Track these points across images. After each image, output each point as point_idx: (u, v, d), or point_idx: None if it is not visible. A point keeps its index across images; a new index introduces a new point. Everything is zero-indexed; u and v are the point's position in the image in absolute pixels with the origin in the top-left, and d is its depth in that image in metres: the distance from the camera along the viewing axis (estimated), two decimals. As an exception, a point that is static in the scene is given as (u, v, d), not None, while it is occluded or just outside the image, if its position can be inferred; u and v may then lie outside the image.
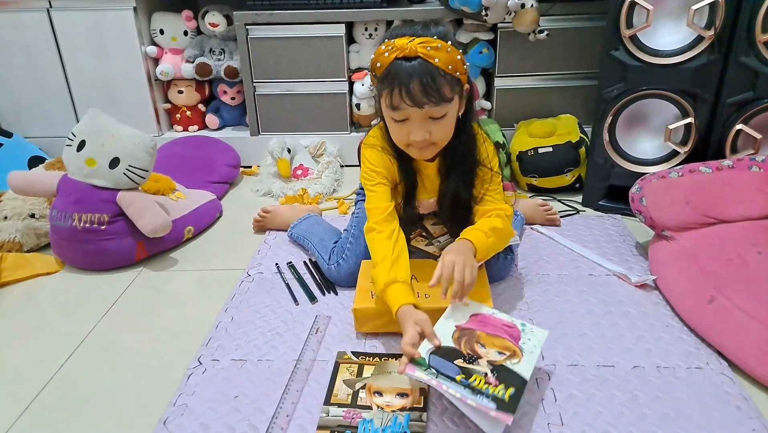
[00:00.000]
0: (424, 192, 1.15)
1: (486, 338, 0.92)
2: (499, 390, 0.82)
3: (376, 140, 1.09)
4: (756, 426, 0.84)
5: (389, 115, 0.99)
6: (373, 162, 1.09)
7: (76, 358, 1.06)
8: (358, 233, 1.22)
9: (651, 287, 1.19)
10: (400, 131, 0.99)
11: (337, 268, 1.22)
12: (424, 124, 0.97)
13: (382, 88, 0.95)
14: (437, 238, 1.22)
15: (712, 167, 1.22)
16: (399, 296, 0.97)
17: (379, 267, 1.01)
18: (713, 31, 1.30)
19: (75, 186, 1.34)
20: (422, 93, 0.92)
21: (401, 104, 0.93)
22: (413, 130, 0.97)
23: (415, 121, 0.96)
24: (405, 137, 0.99)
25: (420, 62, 0.91)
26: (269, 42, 1.84)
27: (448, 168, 1.09)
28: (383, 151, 1.08)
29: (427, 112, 0.95)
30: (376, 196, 1.08)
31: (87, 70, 1.92)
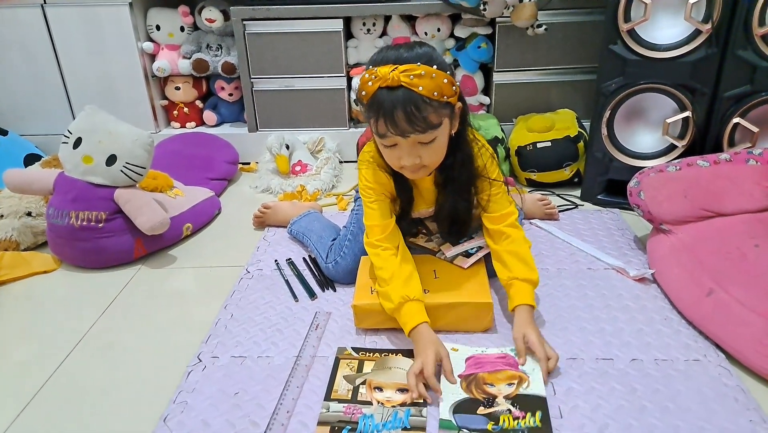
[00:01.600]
0: (423, 204, 1.15)
1: (491, 377, 0.93)
2: (528, 419, 0.84)
3: (372, 157, 1.09)
4: (754, 417, 0.84)
5: (379, 141, 0.99)
6: (369, 179, 1.09)
7: (75, 356, 1.06)
8: (357, 230, 1.23)
9: (649, 281, 1.19)
10: (390, 156, 0.99)
11: (334, 266, 1.22)
12: (414, 150, 0.96)
13: (369, 116, 0.95)
14: (436, 234, 1.22)
15: (710, 161, 1.22)
16: (415, 315, 0.98)
17: (391, 285, 1.00)
18: (711, 24, 1.30)
19: (72, 184, 1.33)
20: (407, 122, 0.91)
21: (387, 133, 0.93)
22: (403, 156, 0.97)
23: (404, 147, 0.96)
24: (396, 161, 0.99)
25: (404, 91, 0.90)
26: (267, 37, 1.83)
27: (444, 183, 1.09)
28: (379, 168, 1.08)
29: (415, 139, 0.94)
30: (375, 213, 1.08)
31: (83, 67, 1.91)
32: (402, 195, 1.10)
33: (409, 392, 0.90)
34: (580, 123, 1.70)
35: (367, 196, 1.09)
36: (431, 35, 1.88)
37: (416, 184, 1.12)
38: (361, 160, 1.11)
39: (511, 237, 1.08)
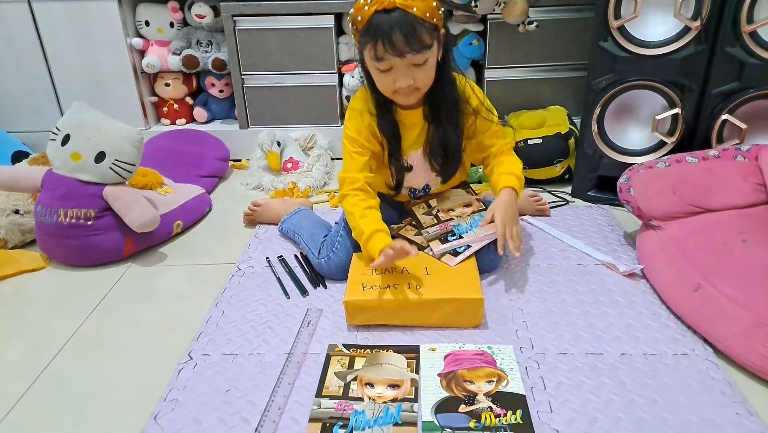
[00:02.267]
0: (411, 145, 1.19)
1: (470, 374, 0.93)
2: (509, 416, 0.84)
3: (359, 103, 1.16)
4: (740, 410, 0.85)
5: (374, 66, 1.04)
6: (354, 128, 1.15)
7: (64, 354, 1.05)
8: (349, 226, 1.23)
9: (639, 276, 1.20)
10: (385, 80, 1.05)
11: (327, 262, 1.22)
12: (408, 72, 1.03)
13: (365, 41, 1.01)
14: (427, 228, 1.22)
15: (699, 157, 1.23)
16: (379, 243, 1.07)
17: (365, 221, 1.09)
18: (699, 21, 1.31)
19: (60, 181, 1.32)
20: (404, 43, 0.97)
21: (385, 55, 0.99)
22: (398, 78, 1.04)
23: (399, 69, 1.03)
24: (391, 85, 1.05)
25: (399, 13, 0.96)
26: (257, 33, 1.83)
27: (433, 113, 1.15)
28: (365, 114, 1.14)
29: (410, 60, 1.01)
30: (352, 164, 1.15)
31: (71, 63, 1.89)
32: (387, 132, 1.15)
33: (400, 388, 0.90)
34: (571, 120, 1.71)
35: (349, 145, 1.16)
36: (422, 32, 1.88)
37: (402, 122, 1.16)
38: (350, 109, 1.18)
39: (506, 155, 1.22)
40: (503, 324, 1.07)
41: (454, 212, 1.26)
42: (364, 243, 1.10)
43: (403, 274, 1.10)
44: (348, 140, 1.17)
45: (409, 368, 0.95)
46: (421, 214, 1.25)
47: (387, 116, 1.15)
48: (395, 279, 1.09)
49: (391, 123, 1.15)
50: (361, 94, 1.18)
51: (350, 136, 1.16)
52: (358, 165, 1.15)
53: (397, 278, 1.09)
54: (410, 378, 0.92)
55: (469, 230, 1.19)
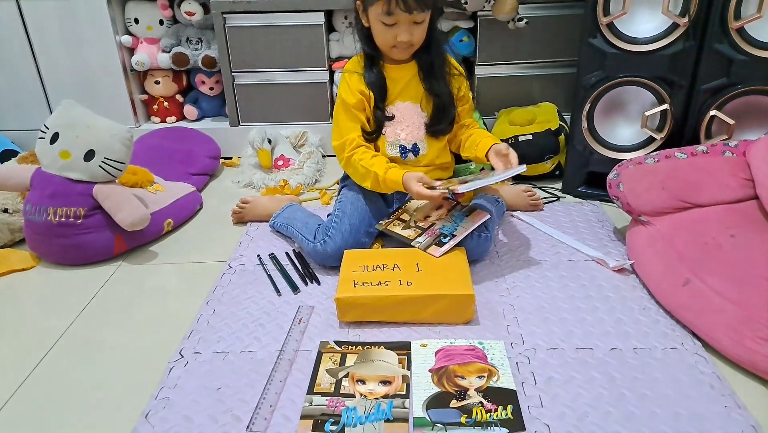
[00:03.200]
0: (401, 96, 1.31)
1: (461, 369, 0.94)
2: (500, 412, 0.84)
3: (349, 66, 1.31)
4: (728, 403, 0.86)
5: (380, 21, 1.19)
6: (345, 91, 1.28)
7: (55, 354, 1.05)
8: (342, 214, 1.26)
9: (629, 271, 1.21)
10: (387, 35, 1.21)
11: (323, 245, 1.22)
12: (409, 28, 1.19)
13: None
14: (417, 239, 1.21)
15: (687, 153, 1.24)
16: (399, 171, 1.20)
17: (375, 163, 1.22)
18: (688, 18, 1.32)
19: (50, 179, 1.31)
20: (415, 1, 1.14)
21: (396, 10, 1.15)
22: (400, 33, 1.19)
23: (402, 25, 1.19)
24: (392, 39, 1.21)
25: None
26: (247, 31, 1.82)
27: (425, 71, 1.29)
28: (353, 75, 1.29)
29: (413, 18, 1.17)
30: (347, 127, 1.27)
31: (60, 61, 1.88)
32: (374, 84, 1.28)
33: (391, 384, 0.90)
34: (561, 116, 1.72)
35: (342, 111, 1.28)
36: (413, 29, 1.88)
37: (389, 76, 1.30)
38: (346, 70, 1.31)
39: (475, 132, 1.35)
40: (494, 320, 1.07)
41: (431, 217, 1.25)
42: (382, 179, 1.21)
43: (395, 270, 1.10)
44: (340, 104, 1.29)
45: (400, 364, 0.95)
46: (401, 230, 1.24)
47: (374, 69, 1.29)
48: (386, 276, 1.09)
49: (377, 75, 1.29)
50: (353, 61, 1.33)
51: (343, 99, 1.28)
52: (354, 127, 1.27)
53: (388, 274, 1.09)
54: (402, 374, 0.93)
55: (457, 227, 1.20)
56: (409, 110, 1.31)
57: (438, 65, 1.29)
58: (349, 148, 1.26)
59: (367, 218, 1.27)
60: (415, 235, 1.22)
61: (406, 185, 1.17)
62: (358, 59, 1.31)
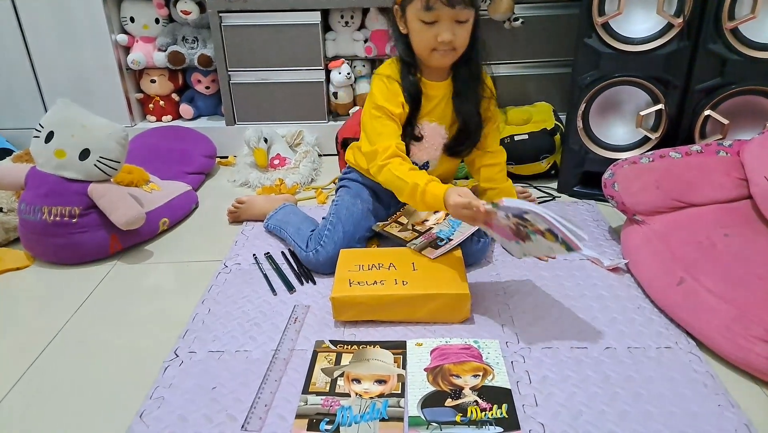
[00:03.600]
0: (429, 115, 1.23)
1: (456, 368, 0.94)
2: (495, 411, 0.85)
3: (386, 69, 1.20)
4: (722, 402, 0.87)
5: (420, 18, 1.09)
6: (382, 96, 1.16)
7: (49, 353, 1.04)
8: (337, 220, 1.24)
9: (623, 271, 1.21)
10: (427, 34, 1.10)
11: (315, 255, 1.22)
12: (451, 26, 1.09)
13: None
14: (412, 241, 1.20)
15: (682, 152, 1.25)
16: (441, 185, 1.07)
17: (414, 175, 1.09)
18: (682, 18, 1.32)
19: (44, 178, 1.31)
20: None
21: (436, 4, 1.05)
22: (441, 32, 1.09)
23: (444, 22, 1.08)
24: (432, 40, 1.10)
25: None
26: (243, 30, 1.82)
27: (459, 90, 1.21)
28: (391, 80, 1.18)
29: (456, 14, 1.08)
30: (383, 132, 1.15)
31: (55, 60, 1.87)
32: (410, 97, 1.18)
33: (386, 383, 0.91)
34: (557, 116, 1.72)
35: (377, 117, 1.16)
36: (409, 28, 1.88)
37: (425, 92, 1.20)
38: (377, 75, 1.20)
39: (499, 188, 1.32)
40: (489, 319, 1.08)
41: (429, 221, 1.25)
42: (421, 191, 1.07)
43: (390, 270, 1.11)
44: (375, 109, 1.17)
45: (395, 363, 0.95)
46: (398, 232, 1.24)
47: (412, 80, 1.18)
48: (382, 275, 1.09)
49: (415, 88, 1.18)
50: (388, 64, 1.22)
51: (378, 105, 1.16)
52: (389, 132, 1.16)
53: (384, 273, 1.09)
54: (397, 373, 0.93)
55: (454, 231, 1.20)
56: (434, 132, 1.25)
57: (474, 85, 1.21)
58: (383, 156, 1.13)
59: (362, 224, 1.26)
60: (411, 237, 1.22)
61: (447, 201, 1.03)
62: (393, 64, 1.21)
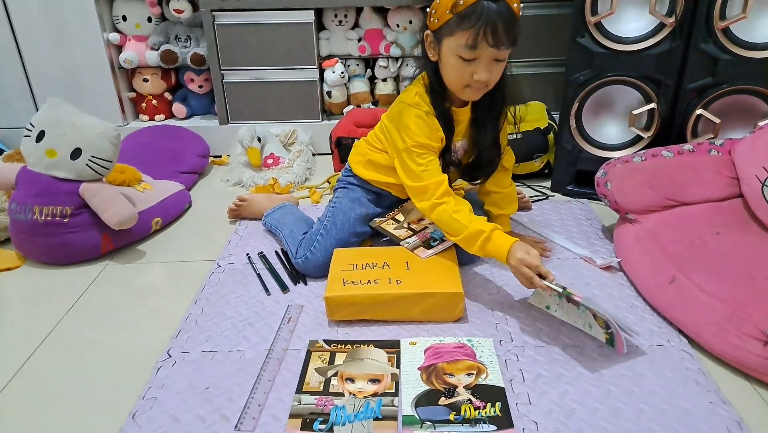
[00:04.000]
0: (456, 137, 1.19)
1: (450, 367, 0.94)
2: (488, 409, 0.85)
3: (421, 104, 1.11)
4: (713, 399, 0.87)
5: (459, 54, 1.02)
6: (424, 134, 1.10)
7: (40, 354, 1.04)
8: (332, 225, 1.23)
9: (616, 269, 1.22)
10: (464, 71, 1.04)
11: (304, 261, 1.21)
12: (489, 65, 1.03)
13: (461, 27, 0.99)
14: (406, 240, 1.20)
15: (674, 151, 1.25)
16: (505, 236, 1.05)
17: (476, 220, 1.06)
18: (674, 18, 1.33)
19: (35, 178, 1.30)
20: (504, 35, 0.98)
21: (481, 44, 0.99)
22: (479, 71, 1.03)
23: (483, 61, 1.02)
24: (467, 77, 1.05)
25: (504, 4, 0.98)
26: (237, 28, 1.81)
27: (479, 117, 1.17)
28: (430, 115, 1.11)
29: (497, 54, 1.01)
30: (428, 174, 1.10)
31: (46, 58, 1.86)
32: (445, 128, 1.13)
33: (380, 383, 0.91)
34: (550, 115, 1.72)
35: (420, 155, 1.10)
36: (403, 27, 1.88)
37: (456, 120, 1.16)
38: (415, 115, 1.10)
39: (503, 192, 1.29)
40: (483, 318, 1.08)
41: (425, 221, 1.25)
42: (484, 239, 1.03)
43: (384, 269, 1.11)
44: (417, 147, 1.09)
45: (389, 362, 0.95)
46: (393, 230, 1.24)
47: (446, 111, 1.13)
48: (376, 274, 1.09)
49: (449, 117, 1.14)
50: (416, 94, 1.12)
51: (421, 143, 1.09)
52: (435, 168, 1.11)
53: (378, 273, 1.09)
54: (391, 373, 0.93)
55: None
56: (460, 149, 1.23)
57: (495, 114, 1.17)
58: (437, 194, 1.08)
59: (357, 230, 1.24)
60: (405, 235, 1.22)
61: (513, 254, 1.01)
62: (421, 95, 1.12)
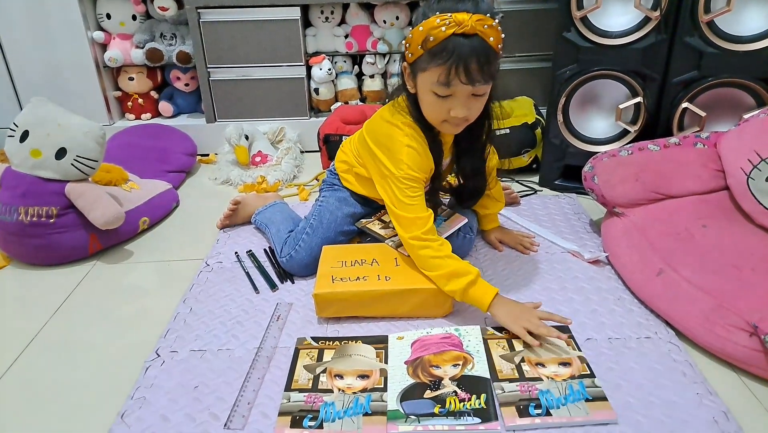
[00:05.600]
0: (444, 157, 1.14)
1: (436, 359, 0.94)
2: (474, 401, 0.85)
3: (410, 137, 1.05)
4: (700, 390, 0.88)
5: (433, 91, 0.97)
6: (416, 166, 1.04)
7: (27, 355, 1.03)
8: (318, 224, 1.22)
9: (604, 263, 1.23)
10: (440, 107, 0.99)
11: (288, 260, 1.20)
12: (467, 101, 0.98)
13: (433, 63, 0.94)
14: (391, 238, 1.20)
15: (660, 145, 1.26)
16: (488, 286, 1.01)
17: (459, 264, 1.02)
18: (659, 12, 1.33)
19: (21, 178, 1.28)
20: (478, 71, 0.93)
21: (454, 81, 0.93)
22: (455, 107, 0.98)
23: (459, 97, 0.97)
24: (444, 113, 0.99)
25: (478, 40, 0.91)
26: (222, 26, 1.80)
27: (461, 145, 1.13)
28: (420, 146, 1.05)
29: (474, 90, 0.96)
30: (416, 208, 1.05)
31: (30, 57, 1.84)
32: (436, 157, 1.08)
33: (369, 378, 0.91)
34: (538, 110, 1.73)
35: (410, 186, 1.05)
36: (390, 23, 1.88)
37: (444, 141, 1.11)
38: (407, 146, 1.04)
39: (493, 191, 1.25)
40: (472, 313, 1.08)
41: None
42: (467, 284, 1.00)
43: (373, 265, 1.10)
44: (408, 179, 1.04)
45: (378, 358, 0.95)
46: (379, 229, 1.23)
47: (436, 139, 1.08)
48: (364, 271, 1.09)
49: (439, 146, 1.09)
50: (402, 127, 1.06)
51: (413, 176, 1.04)
52: (421, 202, 1.06)
53: (367, 269, 1.09)
54: (379, 368, 0.93)
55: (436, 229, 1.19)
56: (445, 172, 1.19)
57: (480, 146, 1.12)
58: (423, 229, 1.04)
59: (344, 229, 1.24)
60: (391, 234, 1.21)
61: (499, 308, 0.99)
62: (410, 125, 1.05)
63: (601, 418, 0.82)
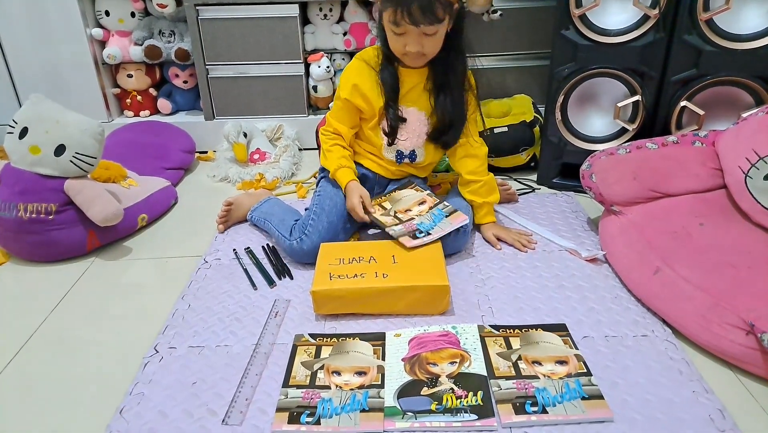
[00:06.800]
0: (405, 100, 1.29)
1: (433, 356, 0.94)
2: (470, 398, 0.85)
3: (360, 67, 1.28)
4: (696, 388, 0.88)
5: (390, 28, 1.16)
6: (351, 74, 1.28)
7: (26, 351, 1.03)
8: (320, 210, 1.24)
9: (601, 261, 1.23)
10: (398, 42, 1.18)
11: (299, 243, 1.22)
12: (419, 39, 1.15)
13: (386, 4, 1.13)
14: (392, 227, 1.21)
15: (658, 143, 1.26)
16: (348, 175, 1.26)
17: (331, 154, 1.29)
18: (658, 10, 1.33)
19: (19, 175, 1.29)
20: (420, 14, 1.10)
21: (402, 21, 1.11)
22: (409, 43, 1.16)
23: (411, 36, 1.15)
24: (402, 48, 1.18)
25: None
26: (221, 23, 1.79)
27: (436, 82, 1.26)
28: (366, 68, 1.27)
29: (422, 30, 1.13)
30: (339, 113, 1.30)
31: (28, 54, 1.83)
32: (387, 83, 1.26)
33: (366, 375, 0.91)
34: (536, 108, 1.73)
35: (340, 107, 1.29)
36: (389, 21, 1.87)
37: (401, 78, 1.27)
38: (360, 58, 1.29)
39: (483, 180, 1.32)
40: (469, 310, 1.08)
41: (412, 212, 1.25)
42: (331, 174, 1.28)
43: (371, 263, 1.11)
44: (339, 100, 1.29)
45: (375, 355, 0.96)
46: (380, 216, 1.25)
47: (389, 68, 1.25)
48: (362, 268, 1.09)
49: (392, 75, 1.25)
50: (368, 51, 1.30)
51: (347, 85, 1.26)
52: (344, 117, 1.30)
53: (364, 267, 1.10)
54: (377, 365, 0.93)
55: (434, 226, 1.20)
56: (413, 116, 1.29)
57: (454, 80, 1.25)
58: (329, 133, 1.32)
59: (345, 214, 1.26)
60: (392, 223, 1.22)
61: (347, 193, 1.25)
62: (376, 52, 1.28)
63: (598, 416, 0.83)
